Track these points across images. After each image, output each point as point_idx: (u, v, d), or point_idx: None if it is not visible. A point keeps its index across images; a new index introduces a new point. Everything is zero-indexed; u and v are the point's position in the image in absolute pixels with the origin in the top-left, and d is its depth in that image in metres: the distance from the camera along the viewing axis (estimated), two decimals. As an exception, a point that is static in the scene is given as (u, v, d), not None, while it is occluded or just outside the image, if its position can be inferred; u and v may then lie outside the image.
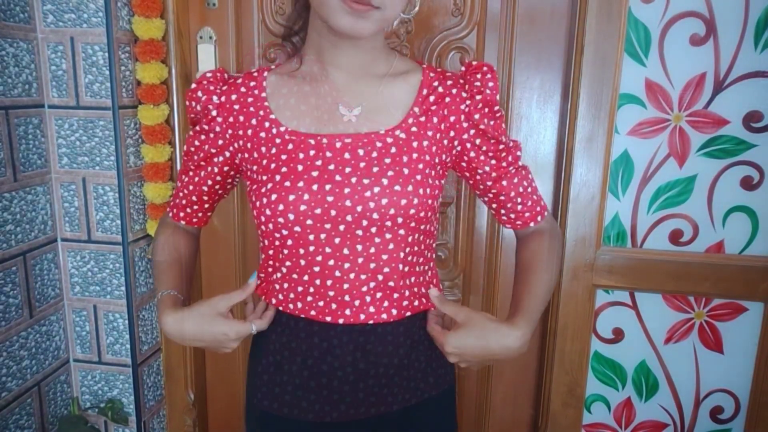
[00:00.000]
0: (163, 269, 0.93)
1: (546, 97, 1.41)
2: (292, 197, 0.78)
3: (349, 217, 0.78)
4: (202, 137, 0.88)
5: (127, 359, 1.53)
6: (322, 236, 0.79)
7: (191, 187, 0.93)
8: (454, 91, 0.85)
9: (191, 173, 0.92)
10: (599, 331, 1.48)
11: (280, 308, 0.87)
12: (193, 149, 0.90)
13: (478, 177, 0.90)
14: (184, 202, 0.95)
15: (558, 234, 0.97)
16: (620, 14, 1.29)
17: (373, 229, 0.79)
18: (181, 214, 0.97)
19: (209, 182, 0.91)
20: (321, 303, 0.82)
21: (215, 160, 0.89)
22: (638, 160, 1.37)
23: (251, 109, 0.84)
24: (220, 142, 0.87)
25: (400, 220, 0.79)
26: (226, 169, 0.90)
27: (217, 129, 0.86)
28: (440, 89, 0.85)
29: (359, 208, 0.78)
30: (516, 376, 1.59)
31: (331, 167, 0.79)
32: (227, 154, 0.88)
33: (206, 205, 0.96)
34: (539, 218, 0.94)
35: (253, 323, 0.88)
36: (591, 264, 1.42)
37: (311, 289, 0.82)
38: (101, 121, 1.40)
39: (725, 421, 1.48)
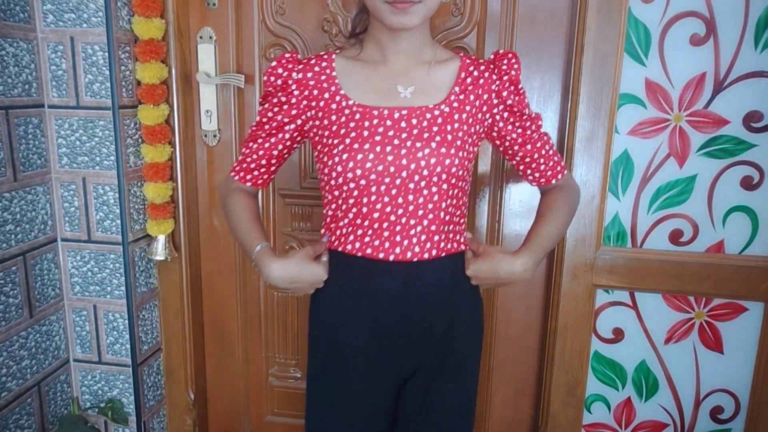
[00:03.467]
0: (247, 226, 1.09)
1: (546, 97, 1.41)
2: (360, 156, 0.96)
3: (404, 173, 0.97)
4: (276, 109, 1.05)
5: (127, 359, 1.53)
6: (382, 188, 0.97)
7: (261, 152, 1.09)
8: (486, 74, 1.05)
9: (260, 140, 1.08)
10: (599, 330, 1.48)
11: (340, 249, 1.03)
12: (265, 120, 1.06)
13: (507, 143, 1.10)
14: (252, 165, 1.11)
15: (575, 190, 1.17)
16: (620, 14, 1.29)
17: (423, 183, 0.98)
18: (248, 177, 1.12)
19: (280, 147, 1.08)
20: (377, 242, 1.00)
21: (287, 128, 1.06)
22: (638, 160, 1.37)
23: (324, 85, 1.02)
24: (294, 111, 1.04)
25: (444, 176, 0.98)
26: (295, 135, 1.07)
27: (293, 101, 1.03)
28: (475, 73, 1.04)
29: (413, 166, 0.97)
30: (516, 376, 1.59)
31: (391, 133, 0.97)
32: (299, 122, 1.05)
33: (272, 168, 1.12)
34: (560, 176, 1.14)
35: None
36: (591, 264, 1.42)
37: (369, 232, 1.00)
38: (101, 121, 1.40)
39: (725, 421, 1.48)
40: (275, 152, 1.09)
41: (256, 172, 1.11)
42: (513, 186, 1.47)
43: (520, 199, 1.47)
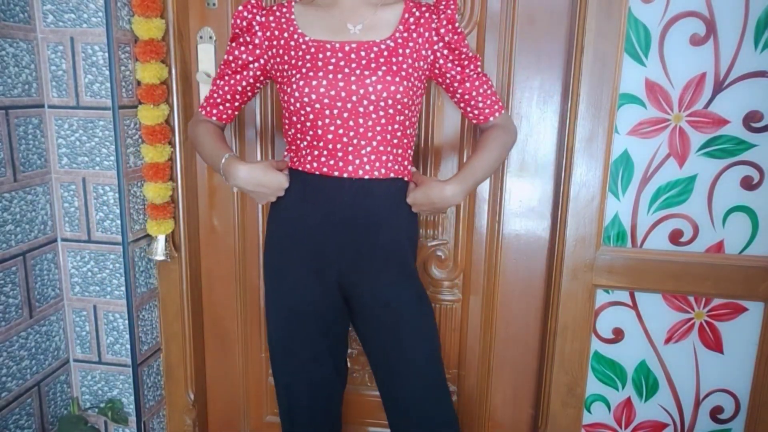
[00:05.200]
0: (214, 144, 1.19)
1: (546, 97, 1.41)
2: (314, 83, 1.09)
3: (354, 98, 1.09)
4: (242, 48, 1.17)
5: (127, 359, 1.53)
6: (335, 111, 1.10)
7: (227, 88, 1.21)
8: (427, 14, 1.17)
9: (227, 77, 1.20)
10: (599, 331, 1.48)
11: (300, 168, 1.15)
12: (231, 58, 1.19)
13: (447, 80, 1.21)
14: (219, 100, 1.22)
15: (511, 129, 1.27)
16: (620, 14, 1.29)
17: (371, 108, 1.10)
18: (214, 111, 1.24)
19: (243, 83, 1.20)
20: (332, 162, 1.12)
21: (250, 66, 1.19)
22: (638, 160, 1.37)
23: (284, 26, 1.16)
24: (258, 51, 1.17)
25: (390, 101, 1.10)
26: (258, 74, 1.19)
27: (257, 41, 1.17)
28: (417, 14, 1.17)
29: (361, 91, 1.09)
30: (516, 376, 1.59)
31: (342, 63, 1.10)
32: (261, 61, 1.18)
33: (236, 104, 1.24)
34: (497, 114, 1.24)
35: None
36: (591, 264, 1.42)
37: (325, 152, 1.12)
38: (101, 121, 1.40)
39: (725, 421, 1.48)
40: (239, 88, 1.21)
41: (221, 107, 1.23)
42: (513, 186, 1.47)
43: (520, 199, 1.47)
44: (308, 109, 1.10)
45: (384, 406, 1.25)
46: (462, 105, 1.24)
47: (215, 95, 1.22)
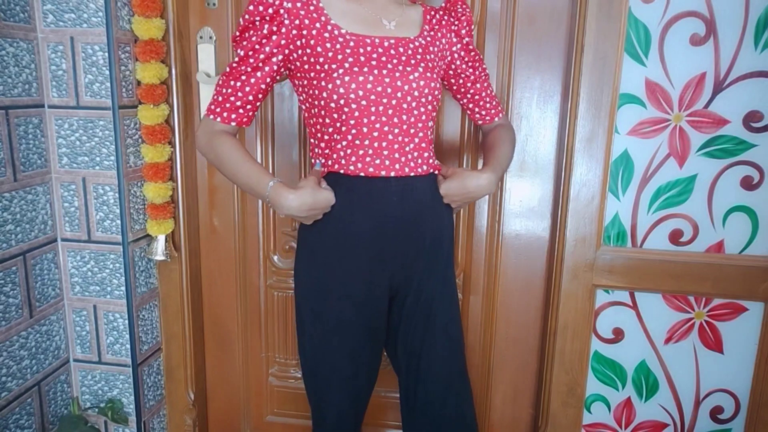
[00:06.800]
0: (250, 167, 1.09)
1: (546, 97, 1.41)
2: (361, 78, 1.04)
3: (399, 94, 1.06)
4: (264, 41, 1.06)
5: (127, 359, 1.53)
6: (380, 108, 1.06)
7: (247, 89, 1.09)
8: (445, 17, 1.19)
9: (244, 77, 1.08)
10: (599, 331, 1.48)
11: (341, 171, 1.09)
12: (251, 53, 1.07)
13: (461, 81, 1.23)
14: (237, 104, 1.10)
15: (512, 128, 1.32)
16: (620, 14, 1.29)
17: (414, 104, 1.08)
18: (233, 116, 1.11)
19: (267, 80, 1.09)
20: (377, 161, 1.08)
21: (274, 59, 1.08)
22: (638, 160, 1.37)
23: (314, 15, 1.07)
24: (283, 41, 1.07)
25: (429, 98, 1.10)
26: (280, 68, 1.10)
27: (284, 30, 1.06)
28: (437, 16, 1.18)
29: (406, 87, 1.07)
30: (516, 376, 1.59)
31: (384, 59, 1.07)
32: (286, 52, 1.08)
33: (257, 104, 1.13)
34: (501, 114, 1.30)
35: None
36: (591, 264, 1.42)
37: (369, 151, 1.08)
38: (101, 121, 1.40)
39: (725, 421, 1.48)
40: (262, 86, 1.09)
41: (241, 110, 1.10)
42: (513, 186, 1.47)
43: (520, 199, 1.48)
44: (353, 106, 1.04)
45: (402, 406, 1.22)
46: (471, 105, 1.27)
47: (232, 98, 1.09)
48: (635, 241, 1.41)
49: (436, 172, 1.16)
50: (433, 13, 1.19)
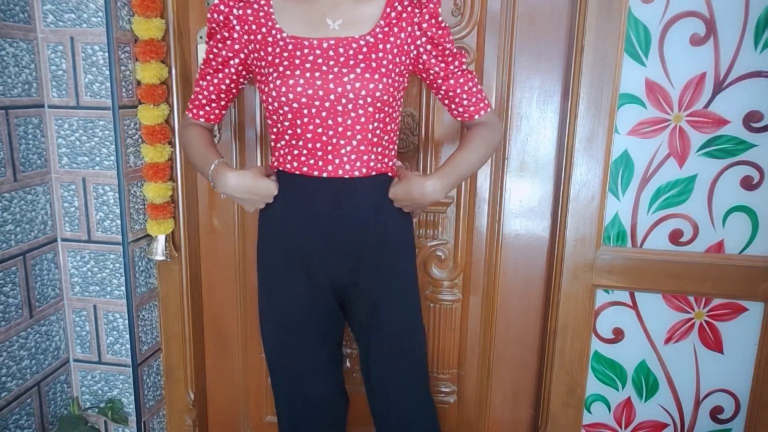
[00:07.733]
0: (204, 149, 1.16)
1: (546, 97, 1.41)
2: (291, 81, 1.06)
3: (332, 96, 1.06)
4: (220, 45, 1.14)
5: (127, 359, 1.53)
6: (313, 111, 1.07)
7: (211, 88, 1.17)
8: (409, 9, 1.13)
9: (209, 77, 1.17)
10: (599, 331, 1.48)
11: (281, 168, 1.13)
12: (212, 56, 1.15)
13: (431, 77, 1.18)
14: (204, 101, 1.19)
15: (497, 128, 1.24)
16: (620, 14, 1.29)
17: (350, 106, 1.07)
18: (201, 113, 1.20)
19: (227, 81, 1.17)
20: (312, 161, 1.10)
21: (231, 62, 1.15)
22: (638, 160, 1.37)
23: (262, 20, 1.12)
24: (237, 46, 1.13)
25: (369, 99, 1.07)
26: (240, 69, 1.16)
27: (235, 35, 1.13)
28: (399, 8, 1.13)
29: (339, 90, 1.06)
30: (516, 376, 1.59)
31: (320, 61, 1.07)
32: (242, 56, 1.14)
33: (222, 102, 1.20)
34: (482, 113, 1.21)
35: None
36: (591, 264, 1.42)
37: (304, 151, 1.10)
38: (101, 121, 1.40)
39: (725, 421, 1.48)
40: (223, 86, 1.17)
41: (207, 108, 1.20)
42: (513, 186, 1.47)
43: (520, 199, 1.47)
44: (286, 108, 1.08)
45: (371, 412, 1.25)
46: (446, 102, 1.22)
47: (200, 96, 1.18)
48: (635, 241, 1.41)
49: (391, 174, 1.16)
50: (396, 5, 1.13)
